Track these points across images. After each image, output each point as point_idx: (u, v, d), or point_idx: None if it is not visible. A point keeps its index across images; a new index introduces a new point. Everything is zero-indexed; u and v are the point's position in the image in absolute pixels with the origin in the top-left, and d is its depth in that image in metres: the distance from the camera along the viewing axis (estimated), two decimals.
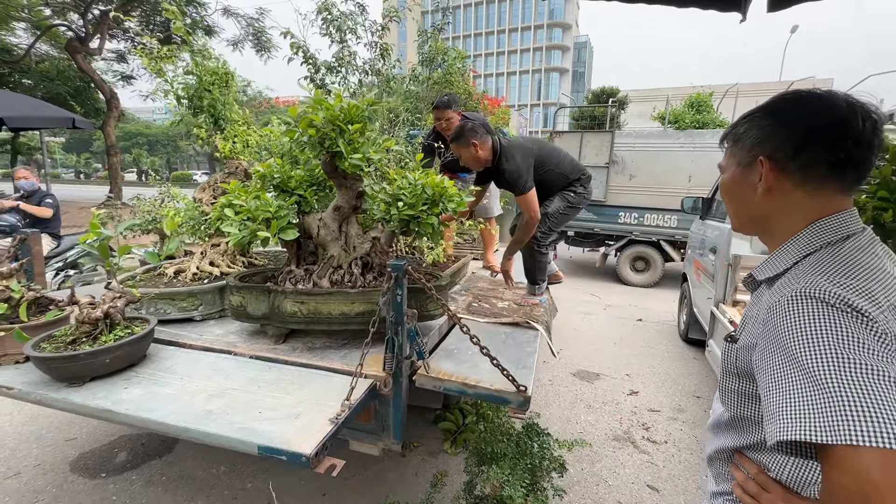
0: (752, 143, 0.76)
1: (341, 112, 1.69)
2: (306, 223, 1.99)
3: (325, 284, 1.89)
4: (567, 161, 2.79)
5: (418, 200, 1.84)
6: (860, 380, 0.54)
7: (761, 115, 0.76)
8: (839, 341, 0.57)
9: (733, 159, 0.81)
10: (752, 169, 0.76)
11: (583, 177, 2.78)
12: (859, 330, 0.57)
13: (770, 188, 0.74)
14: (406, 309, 1.57)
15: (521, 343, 2.09)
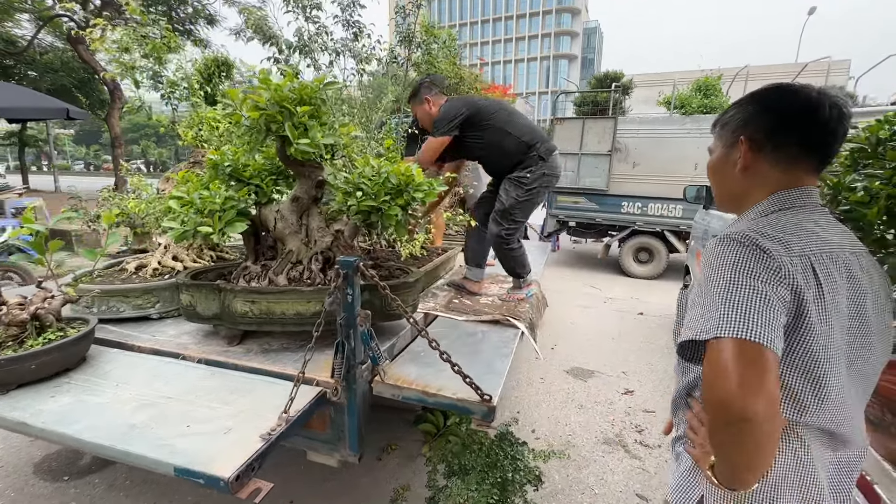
0: (736, 126, 0.85)
1: (292, 93, 1.53)
2: (263, 215, 1.84)
3: (282, 282, 1.75)
4: (524, 124, 2.43)
5: (380, 190, 1.69)
6: (739, 295, 0.67)
7: (747, 102, 0.85)
8: (735, 269, 0.69)
9: (720, 141, 0.91)
10: (734, 149, 0.85)
11: (541, 146, 2.37)
12: (754, 261, 0.69)
13: (747, 166, 0.84)
14: (359, 310, 1.43)
15: (497, 344, 1.94)
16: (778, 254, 0.69)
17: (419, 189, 1.76)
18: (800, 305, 0.69)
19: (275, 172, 1.95)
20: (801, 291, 0.68)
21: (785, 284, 0.68)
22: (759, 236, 0.72)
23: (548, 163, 2.39)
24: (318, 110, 1.61)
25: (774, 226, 0.75)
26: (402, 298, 1.81)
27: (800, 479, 0.73)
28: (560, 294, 5.94)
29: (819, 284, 0.70)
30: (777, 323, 0.65)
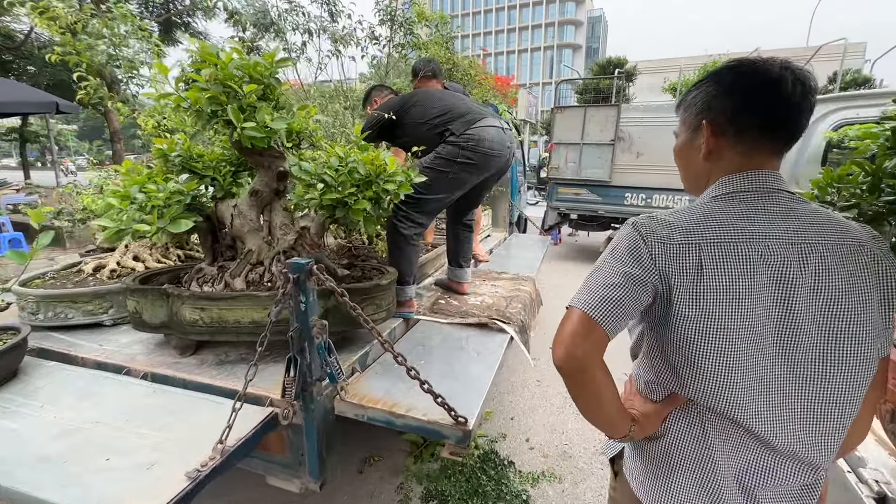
0: (699, 109, 0.82)
1: (240, 70, 1.34)
2: (219, 211, 1.66)
3: (239, 285, 1.56)
4: (440, 107, 2.09)
5: (346, 181, 1.49)
6: (598, 274, 0.77)
7: (708, 83, 0.81)
8: (610, 250, 0.79)
9: (684, 125, 0.87)
10: (698, 133, 0.82)
11: (455, 123, 2.02)
12: (626, 245, 0.77)
13: (710, 150, 0.81)
14: (314, 319, 1.24)
15: (482, 352, 1.75)
16: (653, 239, 0.74)
17: (391, 180, 1.57)
18: (669, 290, 0.73)
19: (235, 163, 1.77)
20: (669, 277, 0.73)
21: (648, 269, 0.74)
22: (652, 222, 0.77)
23: (460, 137, 2.00)
24: (270, 90, 1.42)
25: (690, 211, 0.77)
26: (376, 302, 1.63)
27: (694, 452, 0.80)
28: (559, 289, 5.75)
29: (699, 271, 0.72)
30: (619, 301, 0.72)
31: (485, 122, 2.06)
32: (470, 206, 2.44)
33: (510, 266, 3.39)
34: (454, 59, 3.99)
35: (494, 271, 3.12)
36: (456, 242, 2.49)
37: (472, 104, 2.20)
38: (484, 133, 2.03)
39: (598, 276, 0.76)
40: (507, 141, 2.15)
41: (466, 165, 2.04)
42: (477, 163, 2.05)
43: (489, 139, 2.04)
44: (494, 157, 2.10)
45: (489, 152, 2.06)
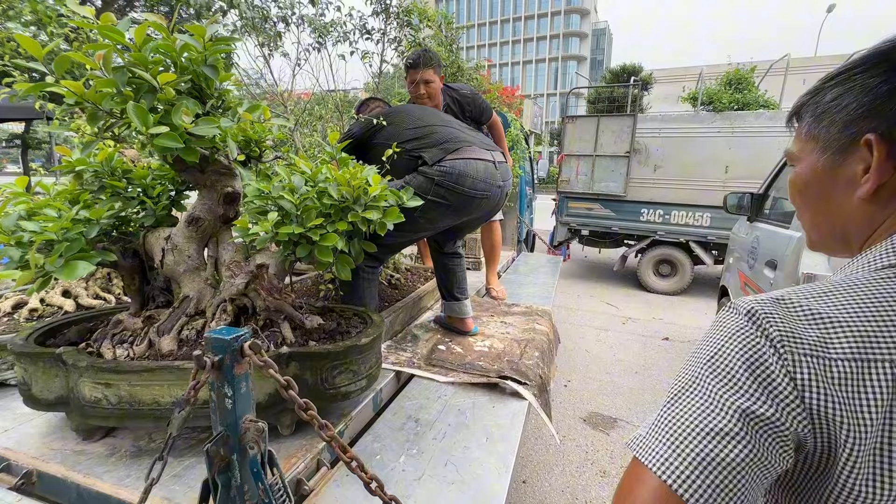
0: (851, 116, 0.49)
1: (153, 51, 0.94)
2: (148, 244, 1.26)
3: (168, 346, 1.16)
4: (413, 128, 1.74)
5: (311, 208, 1.09)
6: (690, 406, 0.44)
7: (869, 70, 0.48)
8: (710, 362, 0.46)
9: (814, 143, 0.54)
10: (851, 156, 0.50)
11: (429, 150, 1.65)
12: (741, 356, 0.44)
13: (882, 185, 0.47)
14: (247, 422, 0.83)
15: (493, 435, 1.32)
16: (794, 347, 0.42)
17: (374, 206, 1.16)
18: (828, 444, 0.41)
19: (177, 181, 1.37)
20: (830, 421, 0.40)
21: (788, 406, 0.41)
22: (785, 311, 0.44)
23: (433, 168, 1.63)
24: (205, 83, 1.02)
25: (858, 292, 0.43)
26: (353, 369, 1.22)
27: None
28: (572, 312, 5.32)
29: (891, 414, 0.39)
30: (736, 469, 0.40)
31: (469, 153, 1.66)
32: (454, 237, 2.07)
33: (522, 294, 2.97)
34: (459, 62, 3.62)
35: (504, 302, 2.71)
36: (446, 274, 2.09)
37: (461, 128, 1.80)
38: (466, 168, 1.63)
39: (690, 409, 0.44)
40: (500, 178, 1.76)
41: (438, 205, 1.64)
42: (452, 204, 1.66)
43: (472, 175, 1.64)
44: (477, 199, 1.70)
45: (469, 192, 1.66)
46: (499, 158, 1.77)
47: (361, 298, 1.71)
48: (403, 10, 2.26)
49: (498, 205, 1.85)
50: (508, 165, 1.86)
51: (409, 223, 1.57)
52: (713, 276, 7.04)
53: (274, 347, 1.19)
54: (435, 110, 2.00)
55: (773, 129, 5.27)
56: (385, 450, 1.19)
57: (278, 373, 0.80)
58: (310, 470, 1.10)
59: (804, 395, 0.41)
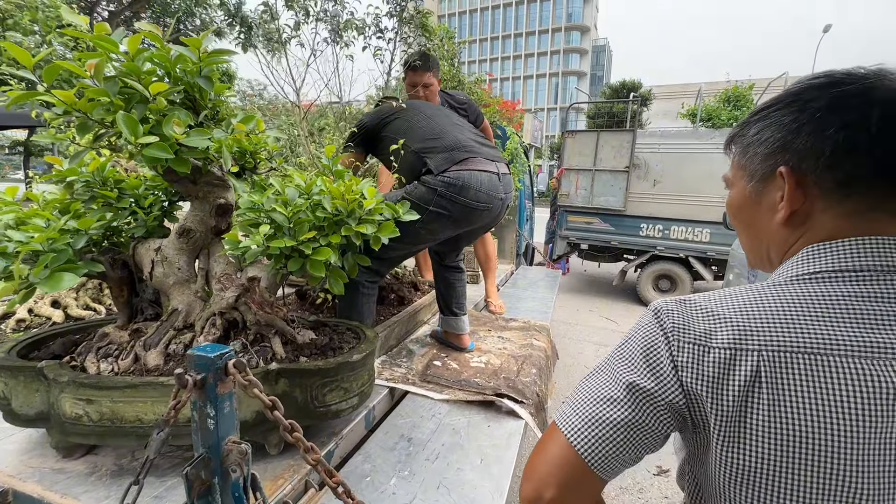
0: (770, 149, 0.56)
1: (146, 61, 0.93)
2: (137, 255, 1.24)
3: (155, 360, 1.13)
4: (425, 128, 1.71)
5: (304, 222, 1.07)
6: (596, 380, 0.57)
7: (782, 109, 0.55)
8: (620, 347, 0.58)
9: (742, 171, 0.61)
10: (770, 184, 0.57)
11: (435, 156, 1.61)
12: (641, 342, 0.55)
13: (794, 212, 0.54)
14: (230, 444, 0.79)
15: (487, 456, 1.28)
16: (681, 336, 0.52)
17: (368, 219, 1.14)
18: (703, 419, 0.51)
19: (170, 191, 1.36)
20: (702, 401, 0.50)
21: (666, 383, 0.52)
22: (685, 308, 0.53)
23: (438, 178, 1.57)
24: (198, 94, 1.01)
25: (754, 296, 0.51)
26: (344, 386, 1.19)
27: None
28: (570, 327, 5.27)
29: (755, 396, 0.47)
30: (618, 426, 0.52)
31: (474, 164, 1.63)
32: (454, 249, 2.03)
33: (520, 308, 2.94)
34: (460, 76, 3.64)
35: (502, 317, 2.67)
36: (447, 288, 2.04)
37: (468, 135, 1.76)
38: (470, 179, 1.60)
39: (595, 382, 0.57)
40: (502, 190, 1.73)
41: (439, 216, 1.61)
42: (453, 215, 1.63)
43: (475, 187, 1.61)
44: (479, 210, 1.67)
45: (472, 204, 1.63)
46: (503, 170, 1.74)
47: (360, 313, 1.67)
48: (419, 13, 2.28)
49: (498, 216, 1.82)
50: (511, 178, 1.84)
51: (409, 234, 1.55)
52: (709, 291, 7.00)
53: (263, 363, 1.16)
54: (447, 110, 1.97)
55: None
56: (376, 471, 1.15)
57: (263, 392, 0.77)
58: (297, 492, 1.07)
59: (680, 374, 0.51)
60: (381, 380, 1.62)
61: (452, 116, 1.91)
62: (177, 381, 0.73)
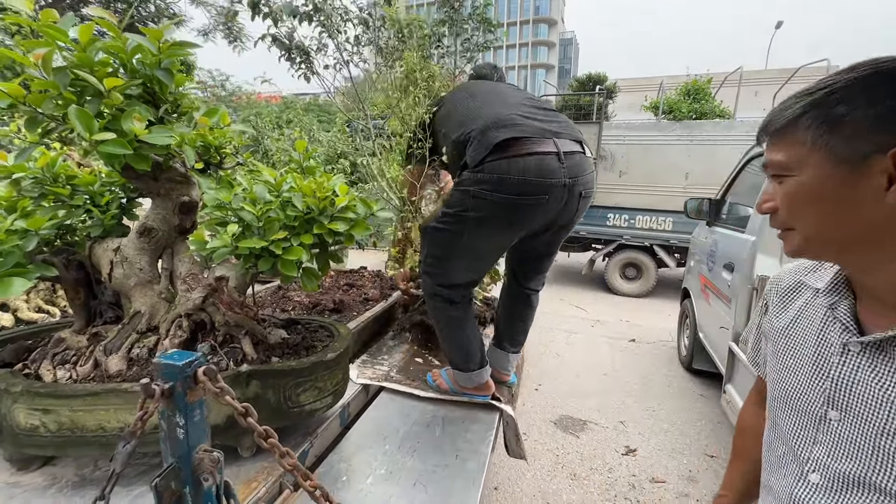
0: (869, 127, 0.50)
1: (99, 51, 0.88)
2: (94, 256, 1.17)
3: (116, 366, 1.08)
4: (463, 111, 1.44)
5: (274, 220, 1.05)
6: None
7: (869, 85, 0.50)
8: None
9: (821, 154, 0.54)
10: (872, 167, 0.50)
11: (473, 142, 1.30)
12: None
13: None
14: (200, 453, 0.77)
15: (464, 450, 1.30)
16: None
17: (341, 217, 1.13)
18: None
19: (129, 188, 1.29)
20: None
21: None
22: None
23: (474, 173, 1.28)
24: (157, 87, 0.96)
25: None
26: (318, 385, 1.17)
27: None
28: (542, 316, 5.35)
29: None
30: None
31: (517, 147, 1.25)
32: (537, 267, 1.68)
33: None
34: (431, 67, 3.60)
35: None
36: (507, 314, 1.72)
37: (515, 106, 1.38)
38: (509, 168, 1.24)
39: None
40: (566, 174, 1.29)
41: (482, 222, 1.31)
42: (499, 217, 1.30)
43: (516, 177, 1.24)
44: (530, 206, 1.29)
45: (516, 200, 1.26)
46: (566, 147, 1.30)
47: (447, 336, 1.53)
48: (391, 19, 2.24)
49: (569, 208, 1.37)
50: (587, 156, 1.40)
51: (464, 252, 1.40)
52: (675, 279, 7.30)
53: (234, 365, 1.13)
54: (497, 83, 1.66)
55: (729, 137, 5.53)
56: (352, 471, 1.15)
57: (236, 399, 0.75)
58: (271, 494, 1.05)
59: None
60: (363, 379, 1.61)
61: (499, 86, 1.58)
62: (143, 392, 0.70)
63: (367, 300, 2.17)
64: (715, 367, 3.47)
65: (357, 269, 2.86)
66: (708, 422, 3.08)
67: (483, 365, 1.53)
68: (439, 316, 1.52)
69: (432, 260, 1.46)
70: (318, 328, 1.43)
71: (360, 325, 1.82)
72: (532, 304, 1.73)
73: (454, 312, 1.49)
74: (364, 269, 2.85)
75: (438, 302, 1.49)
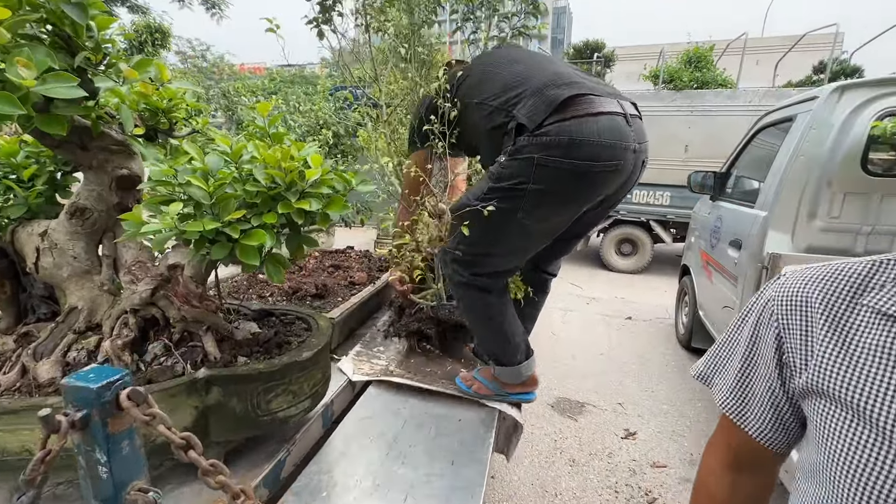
0: None
1: None
2: (18, 242, 0.98)
3: (48, 373, 0.91)
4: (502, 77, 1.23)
5: (229, 198, 0.86)
6: None
7: None
8: None
9: None
10: None
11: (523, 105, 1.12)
12: None
13: None
14: (136, 487, 0.61)
15: (461, 456, 1.16)
16: None
17: (312, 193, 0.94)
18: None
19: (59, 160, 1.09)
20: None
21: None
22: None
23: (534, 138, 1.09)
24: (70, 28, 0.75)
25: None
26: (292, 389, 1.01)
27: None
28: None
29: None
30: None
31: (584, 105, 1.09)
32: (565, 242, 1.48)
33: None
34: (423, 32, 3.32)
35: None
36: (523, 300, 1.54)
37: (569, 69, 1.25)
38: (581, 128, 1.07)
39: None
40: (634, 138, 1.14)
41: (544, 196, 1.13)
42: (568, 189, 1.14)
43: (591, 139, 1.07)
44: (605, 173, 1.13)
45: (590, 166, 1.09)
46: (630, 110, 1.16)
47: (483, 324, 1.36)
48: None
49: (632, 180, 1.25)
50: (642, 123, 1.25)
51: (515, 234, 1.20)
52: (672, 255, 7.22)
53: (192, 368, 0.97)
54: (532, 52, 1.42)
55: (732, 108, 5.34)
56: (333, 484, 1.00)
57: (173, 430, 0.59)
58: None
59: None
60: (361, 375, 1.45)
61: (537, 53, 1.41)
62: (43, 426, 0.54)
63: (353, 284, 2.01)
64: None
65: (343, 249, 2.68)
66: (707, 402, 3.00)
67: (530, 355, 1.40)
68: (475, 307, 1.34)
69: (467, 247, 1.22)
70: (295, 320, 1.27)
71: (344, 312, 1.66)
72: (548, 290, 1.60)
73: (494, 300, 1.31)
74: (351, 249, 2.67)
75: (473, 292, 1.30)
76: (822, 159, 2.26)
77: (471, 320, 1.42)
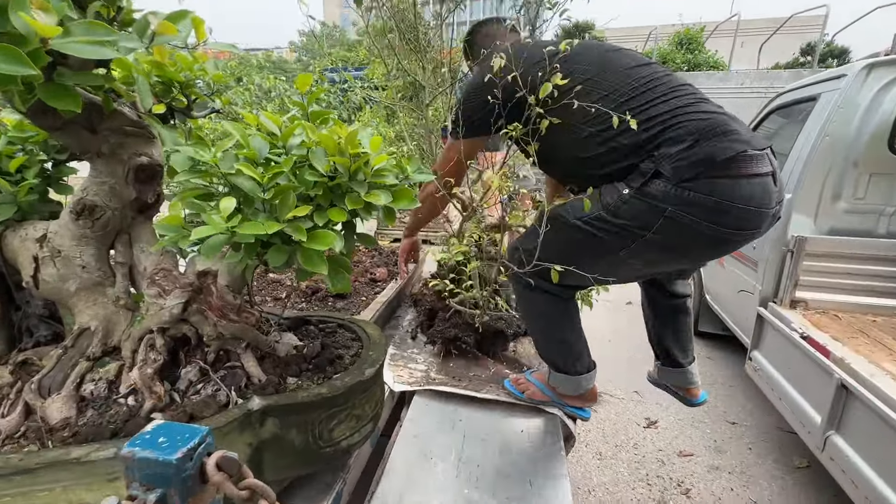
0: None
1: None
2: (8, 250, 0.79)
3: (60, 412, 0.73)
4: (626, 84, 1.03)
5: (285, 192, 0.70)
6: None
7: None
8: None
9: None
10: None
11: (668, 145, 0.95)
12: None
13: None
14: None
15: (530, 469, 1.04)
16: None
17: (379, 184, 0.79)
18: None
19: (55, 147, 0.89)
20: None
21: None
22: None
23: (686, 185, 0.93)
24: None
25: None
26: (356, 413, 0.87)
27: None
28: None
29: None
30: None
31: (742, 166, 0.93)
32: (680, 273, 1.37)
33: None
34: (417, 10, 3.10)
35: None
36: (660, 324, 1.42)
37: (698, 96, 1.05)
38: (733, 194, 0.93)
39: None
40: (775, 199, 1.00)
41: (655, 246, 1.02)
42: (688, 246, 1.03)
43: (740, 204, 0.94)
44: (737, 240, 1.03)
45: (728, 234, 0.98)
46: (775, 163, 1.01)
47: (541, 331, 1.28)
48: None
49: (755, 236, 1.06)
50: None
51: (607, 265, 1.07)
52: None
53: (236, 394, 0.81)
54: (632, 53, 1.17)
55: (725, 90, 5.31)
56: None
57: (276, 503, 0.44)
58: None
59: None
60: (402, 383, 1.31)
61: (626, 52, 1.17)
62: None
63: (374, 281, 1.85)
64: (722, 330, 3.40)
65: None
66: (721, 385, 3.00)
67: (591, 368, 1.29)
68: (538, 308, 1.22)
69: (543, 254, 1.06)
70: (337, 328, 1.11)
71: (374, 314, 1.50)
72: (689, 310, 1.42)
73: (560, 305, 1.21)
74: None
75: (537, 294, 1.18)
76: (848, 139, 2.21)
77: (528, 322, 1.31)
